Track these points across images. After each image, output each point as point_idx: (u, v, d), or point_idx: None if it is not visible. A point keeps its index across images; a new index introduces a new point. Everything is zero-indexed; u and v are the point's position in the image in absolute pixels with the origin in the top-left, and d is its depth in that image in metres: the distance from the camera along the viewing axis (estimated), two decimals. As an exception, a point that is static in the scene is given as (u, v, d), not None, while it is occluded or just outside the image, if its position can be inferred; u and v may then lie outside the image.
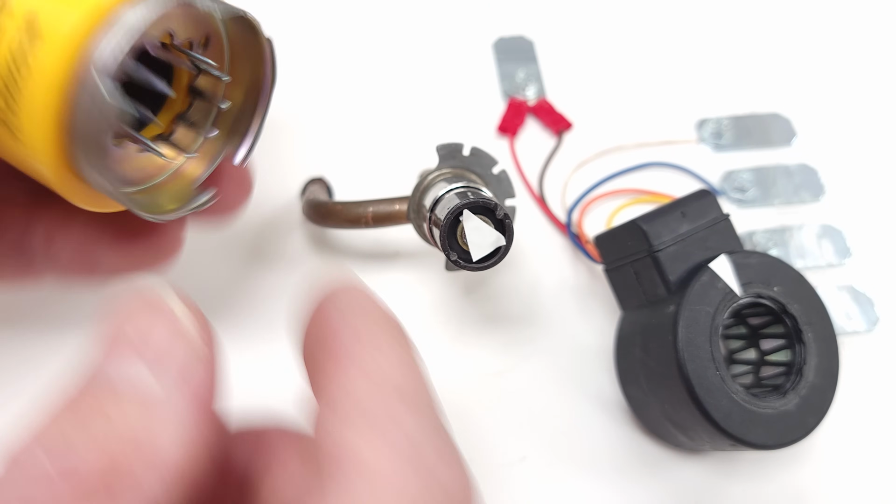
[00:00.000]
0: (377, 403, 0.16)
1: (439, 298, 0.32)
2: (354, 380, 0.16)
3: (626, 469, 0.29)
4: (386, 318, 0.18)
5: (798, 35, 0.40)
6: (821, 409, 0.25)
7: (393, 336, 0.18)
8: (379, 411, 0.16)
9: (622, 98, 0.37)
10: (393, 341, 0.17)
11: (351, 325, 0.17)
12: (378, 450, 0.15)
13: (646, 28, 0.40)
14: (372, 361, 0.17)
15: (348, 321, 0.17)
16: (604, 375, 0.30)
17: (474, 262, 0.23)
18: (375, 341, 0.17)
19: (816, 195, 0.36)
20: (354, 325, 0.17)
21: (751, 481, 0.29)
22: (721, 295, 0.25)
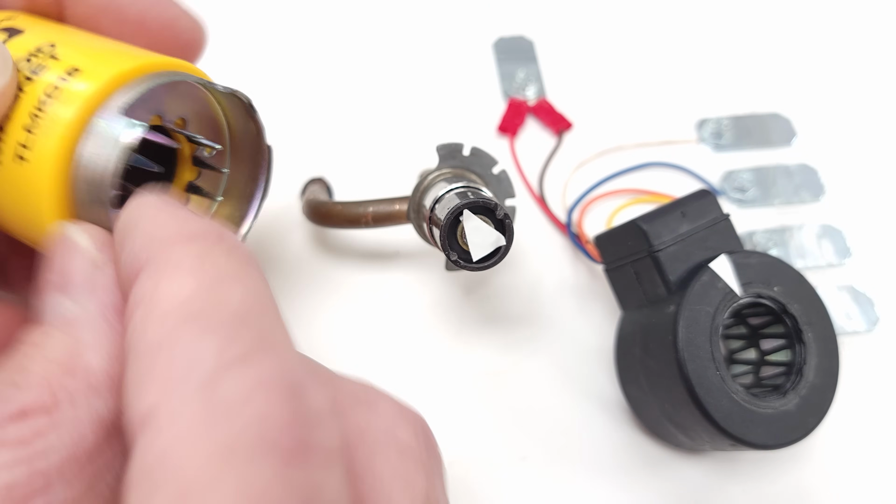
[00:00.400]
0: (160, 337, 0.14)
1: (439, 298, 0.32)
2: (139, 317, 0.14)
3: (627, 469, 0.29)
4: (183, 229, 0.15)
5: (798, 35, 0.40)
6: (821, 409, 0.25)
7: (192, 248, 0.15)
8: (161, 346, 0.14)
9: (622, 98, 0.37)
10: (191, 256, 0.15)
11: (140, 254, 0.15)
12: (159, 390, 0.13)
13: (646, 28, 0.40)
14: (160, 288, 0.14)
15: (139, 252, 0.15)
16: (604, 375, 0.30)
17: (474, 262, 0.23)
18: (168, 263, 0.15)
19: (816, 195, 0.36)
20: (144, 253, 0.15)
21: (751, 481, 0.29)
22: (721, 295, 0.25)
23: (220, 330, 0.13)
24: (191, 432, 0.12)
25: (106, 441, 0.15)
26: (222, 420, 0.12)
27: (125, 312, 0.15)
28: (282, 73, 0.36)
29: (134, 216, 0.16)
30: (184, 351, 0.13)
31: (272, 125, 0.36)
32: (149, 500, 0.12)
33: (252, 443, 0.12)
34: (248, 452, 0.12)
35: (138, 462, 0.13)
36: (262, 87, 0.36)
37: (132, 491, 0.12)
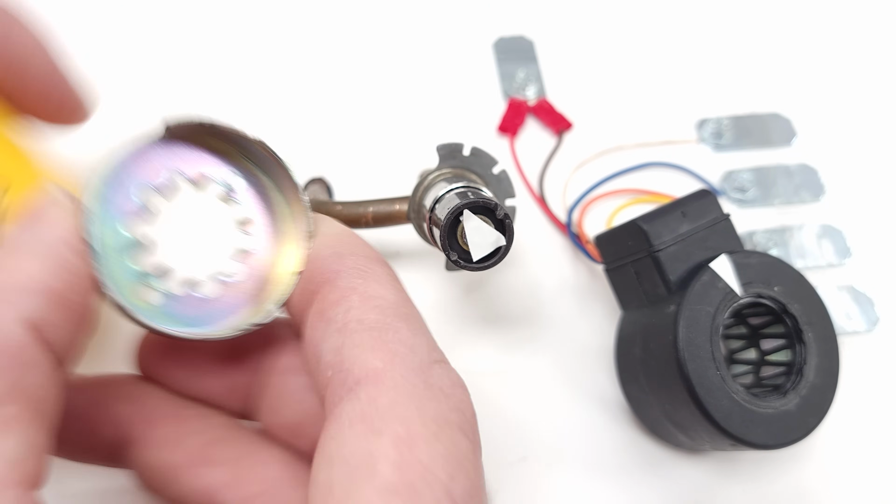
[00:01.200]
0: (380, 321, 0.17)
1: (439, 298, 0.32)
2: (357, 303, 0.18)
3: (627, 469, 0.29)
4: (378, 257, 0.20)
5: (798, 35, 0.40)
6: (821, 409, 0.25)
7: (386, 271, 0.20)
8: (383, 328, 0.17)
9: (622, 98, 0.37)
10: (385, 272, 0.19)
11: (346, 259, 0.19)
12: (385, 359, 0.16)
13: (646, 28, 0.40)
14: (371, 288, 0.18)
15: (344, 257, 0.19)
16: (604, 375, 0.30)
17: (474, 262, 0.23)
18: (374, 274, 0.19)
19: (816, 195, 0.36)
20: (350, 260, 0.19)
21: (751, 481, 0.29)
22: (721, 295, 0.25)
23: (425, 334, 0.18)
24: (414, 396, 0.16)
25: (32, 340, 0.16)
26: (437, 398, 0.16)
27: (315, 285, 0.19)
28: (282, 73, 0.36)
29: (338, 229, 0.21)
30: (404, 338, 0.17)
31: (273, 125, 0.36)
32: (376, 437, 0.15)
33: (458, 423, 0.16)
34: (456, 429, 0.16)
35: (363, 406, 0.16)
36: (262, 88, 0.36)
37: (354, 426, 0.15)
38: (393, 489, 0.14)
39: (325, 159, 0.34)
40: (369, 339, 0.17)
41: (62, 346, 0.17)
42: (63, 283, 0.17)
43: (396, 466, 0.15)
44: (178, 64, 0.36)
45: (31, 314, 0.16)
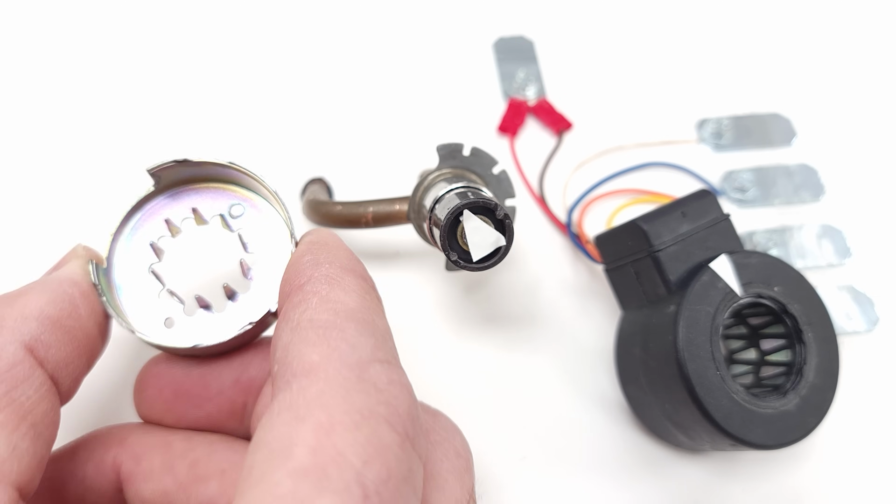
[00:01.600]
0: (329, 321, 0.18)
1: (439, 298, 0.32)
2: (314, 305, 0.19)
3: (627, 469, 0.29)
4: (352, 264, 0.21)
5: (798, 35, 0.40)
6: (821, 409, 0.25)
7: (356, 278, 0.20)
8: (329, 326, 0.18)
9: (622, 98, 0.37)
10: (355, 282, 0.20)
11: (321, 267, 0.20)
12: (323, 354, 0.17)
13: (646, 28, 0.40)
14: (333, 293, 0.19)
15: (319, 265, 0.20)
16: (604, 375, 0.30)
17: (474, 262, 0.23)
18: (341, 281, 0.20)
19: (816, 195, 0.36)
20: (324, 268, 0.20)
21: (751, 481, 0.29)
22: (721, 295, 0.25)
23: (373, 336, 0.18)
24: (343, 388, 0.16)
25: (25, 358, 0.19)
26: (367, 391, 0.17)
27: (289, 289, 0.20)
28: (282, 73, 0.36)
29: (324, 236, 0.22)
30: (348, 336, 0.18)
31: (273, 125, 0.36)
32: (299, 424, 0.16)
33: (384, 415, 0.16)
34: (381, 420, 0.16)
35: (293, 396, 0.16)
36: (262, 88, 0.36)
37: (281, 414, 0.16)
38: (304, 472, 0.15)
39: (325, 159, 0.34)
40: (314, 335, 0.18)
41: (56, 365, 0.19)
42: (60, 310, 0.20)
43: (311, 451, 0.15)
44: (178, 64, 0.36)
45: (26, 336, 0.19)
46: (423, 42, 0.38)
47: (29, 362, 0.19)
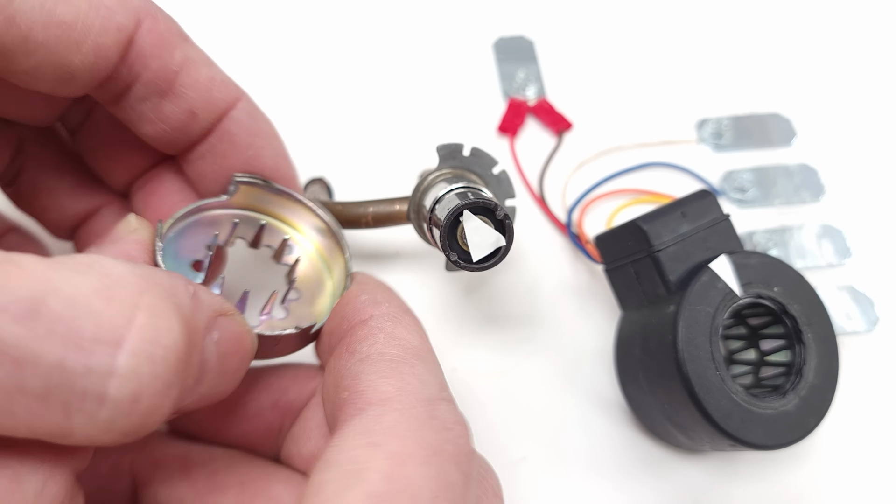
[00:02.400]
0: (399, 356, 0.19)
1: (439, 298, 0.32)
2: (382, 340, 0.20)
3: (626, 469, 0.29)
4: (406, 306, 0.22)
5: (798, 35, 0.40)
6: (820, 409, 0.25)
7: (413, 319, 0.22)
8: (400, 361, 0.19)
9: (622, 98, 0.37)
10: (414, 323, 0.21)
11: (381, 306, 0.21)
12: (397, 386, 0.18)
13: (646, 28, 0.40)
14: (398, 330, 0.20)
15: (379, 304, 0.21)
16: (604, 375, 0.30)
17: (474, 262, 0.23)
18: (402, 320, 0.21)
19: (816, 195, 0.36)
20: (384, 307, 0.21)
21: (750, 481, 0.29)
22: (721, 295, 0.25)
23: (436, 375, 0.19)
24: (417, 421, 0.17)
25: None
26: (437, 428, 0.17)
27: (348, 325, 0.21)
28: (282, 73, 0.36)
29: (375, 281, 0.23)
30: (419, 373, 0.19)
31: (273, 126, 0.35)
32: (373, 449, 0.16)
33: (452, 454, 0.17)
34: (449, 458, 0.17)
35: (368, 422, 0.17)
36: (262, 88, 0.36)
37: (356, 438, 0.17)
38: (377, 496, 0.15)
39: (325, 159, 0.34)
40: (386, 368, 0.19)
41: None
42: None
43: (386, 477, 0.15)
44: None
45: None
46: (423, 42, 0.38)
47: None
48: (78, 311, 0.15)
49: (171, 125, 0.23)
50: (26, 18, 0.19)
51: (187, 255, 0.24)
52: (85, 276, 0.15)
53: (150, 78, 0.22)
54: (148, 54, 0.22)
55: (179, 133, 0.24)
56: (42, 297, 0.14)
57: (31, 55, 0.19)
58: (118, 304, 0.15)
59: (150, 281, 0.16)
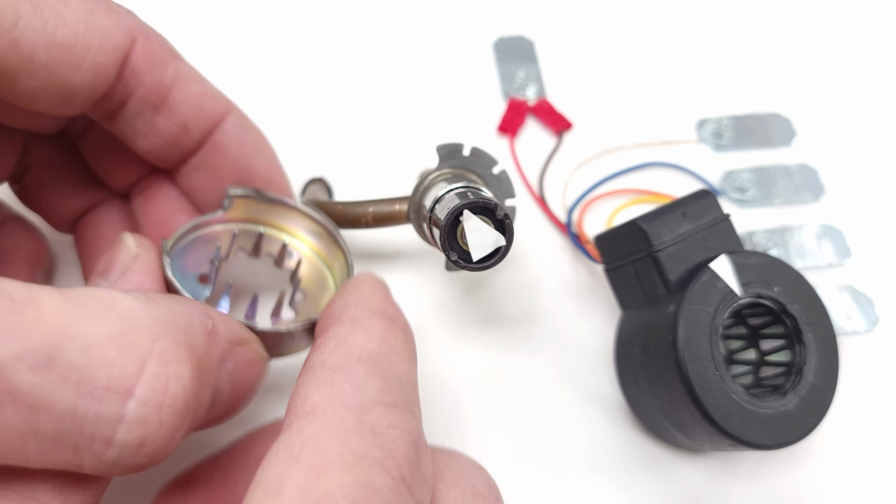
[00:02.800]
0: (339, 362, 0.18)
1: (439, 298, 0.32)
2: (330, 347, 0.19)
3: (626, 469, 0.29)
4: (382, 306, 0.21)
5: (798, 35, 0.40)
6: (820, 409, 0.25)
7: (383, 319, 0.21)
8: (337, 368, 0.18)
9: (622, 98, 0.37)
10: (381, 324, 0.20)
11: (348, 310, 0.21)
12: (325, 395, 0.17)
13: (646, 28, 0.40)
14: (352, 335, 0.20)
15: (347, 308, 0.21)
16: (604, 375, 0.30)
17: (474, 262, 0.23)
18: (364, 322, 0.20)
19: (816, 195, 0.36)
20: (350, 311, 0.21)
21: (750, 481, 0.29)
22: (721, 295, 0.25)
23: (383, 379, 0.18)
24: (340, 429, 0.16)
25: None
26: (364, 433, 0.17)
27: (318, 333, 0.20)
28: (282, 73, 0.36)
29: (360, 280, 0.23)
30: (355, 378, 0.18)
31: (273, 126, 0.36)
32: (292, 464, 0.16)
33: (378, 458, 0.16)
34: (374, 463, 0.16)
35: (291, 436, 0.16)
36: (262, 88, 0.36)
37: (279, 453, 0.16)
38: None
39: (325, 159, 0.34)
40: (321, 376, 0.18)
41: None
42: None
43: (300, 491, 0.15)
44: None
45: None
46: (423, 42, 0.38)
47: None
48: (92, 360, 0.15)
49: (165, 139, 0.24)
50: (29, 41, 0.20)
51: (193, 271, 0.25)
52: (103, 322, 0.16)
53: (144, 94, 0.23)
54: (142, 71, 0.23)
55: (172, 147, 0.25)
56: (59, 346, 0.15)
57: (33, 76, 0.20)
58: (131, 351, 0.16)
59: (166, 323, 0.17)
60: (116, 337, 0.16)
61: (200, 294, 0.25)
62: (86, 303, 0.16)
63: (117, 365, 0.16)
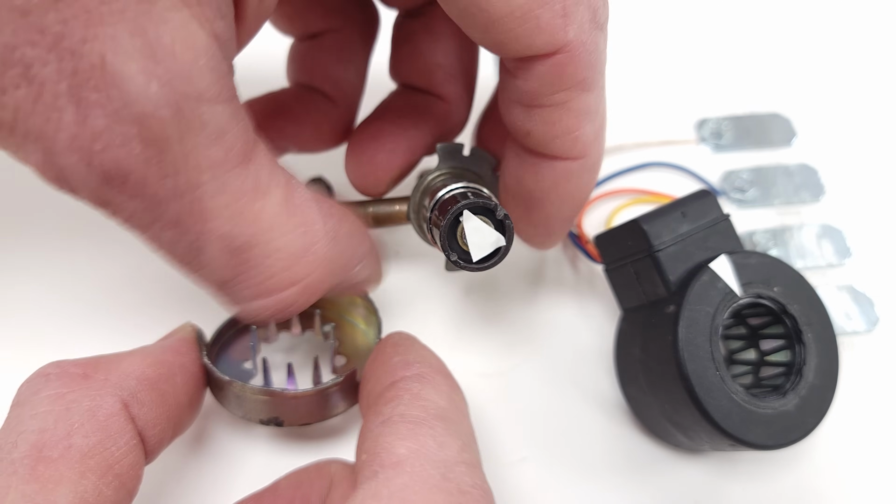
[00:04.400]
0: (419, 417, 0.19)
1: (439, 298, 0.32)
2: (406, 401, 0.20)
3: (626, 469, 0.29)
4: (440, 366, 0.22)
5: (798, 35, 0.40)
6: (820, 409, 0.25)
7: (446, 379, 0.22)
8: (419, 423, 0.19)
9: (622, 98, 0.37)
10: (445, 383, 0.21)
11: (412, 367, 0.21)
12: (411, 449, 0.18)
13: (645, 28, 0.40)
14: (425, 392, 0.20)
15: (410, 365, 0.22)
16: (604, 375, 0.30)
17: (474, 262, 0.23)
18: (432, 380, 0.21)
19: (816, 195, 0.36)
20: (415, 367, 0.21)
21: (750, 482, 0.29)
22: (721, 295, 0.25)
23: (460, 437, 0.19)
24: (427, 484, 0.17)
25: (120, 412, 0.21)
26: (450, 491, 0.17)
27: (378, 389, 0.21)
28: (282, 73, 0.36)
29: (407, 338, 0.24)
30: (437, 435, 0.19)
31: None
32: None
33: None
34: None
35: (378, 486, 0.17)
36: (262, 87, 0.36)
37: (366, 500, 0.17)
38: None
39: (324, 159, 0.34)
40: (404, 430, 0.19)
41: (146, 423, 0.21)
42: (158, 374, 0.22)
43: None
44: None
45: (125, 392, 0.21)
46: (423, 42, 0.38)
47: (123, 416, 0.21)
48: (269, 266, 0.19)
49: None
50: None
51: (238, 359, 0.28)
52: (295, 239, 0.19)
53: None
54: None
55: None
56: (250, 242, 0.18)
57: None
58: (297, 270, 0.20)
59: (331, 263, 0.20)
60: (295, 255, 0.19)
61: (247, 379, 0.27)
62: (295, 227, 0.19)
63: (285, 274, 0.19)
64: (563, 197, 0.25)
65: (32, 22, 0.14)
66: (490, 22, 0.19)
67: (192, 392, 0.24)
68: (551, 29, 0.19)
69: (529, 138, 0.23)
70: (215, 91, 0.16)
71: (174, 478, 0.27)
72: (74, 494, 0.18)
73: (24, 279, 0.32)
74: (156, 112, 0.15)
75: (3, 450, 0.19)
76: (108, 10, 0.14)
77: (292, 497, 0.23)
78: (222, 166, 0.17)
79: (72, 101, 0.14)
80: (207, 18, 0.16)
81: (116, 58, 0.14)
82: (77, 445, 0.19)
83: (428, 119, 0.27)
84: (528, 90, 0.21)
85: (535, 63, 0.20)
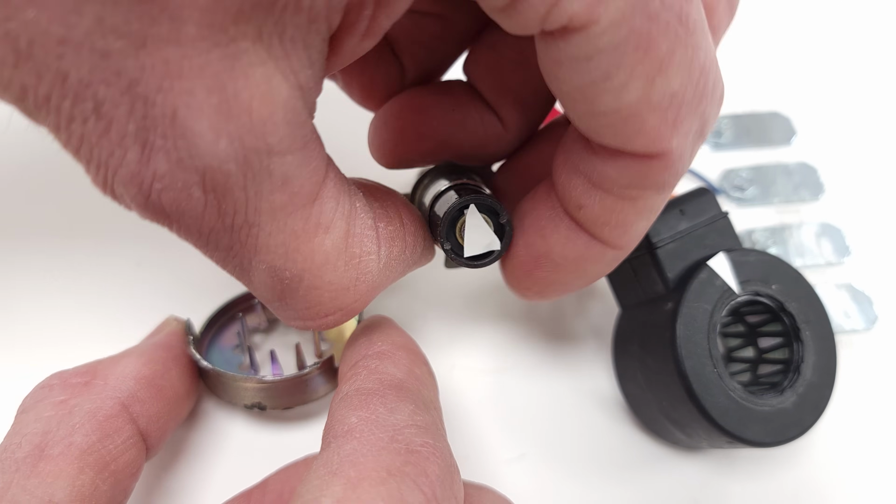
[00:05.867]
0: (373, 388, 0.19)
1: (439, 296, 0.32)
2: (363, 376, 0.20)
3: (624, 466, 0.29)
4: (404, 341, 0.22)
5: (798, 34, 0.41)
6: (818, 407, 0.25)
7: (408, 353, 0.22)
8: (372, 393, 0.19)
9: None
10: (406, 356, 0.22)
11: (374, 345, 0.22)
12: (362, 417, 0.18)
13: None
14: (382, 366, 0.21)
15: (373, 344, 0.22)
16: (602, 373, 0.31)
17: (465, 257, 0.23)
18: (392, 355, 0.21)
19: (816, 194, 0.36)
20: (377, 346, 0.22)
21: (748, 479, 0.29)
22: (719, 293, 0.25)
23: (414, 403, 0.19)
24: (375, 447, 0.17)
25: (120, 413, 0.22)
26: (398, 451, 0.17)
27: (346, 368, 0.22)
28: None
29: (379, 320, 0.24)
30: (388, 402, 0.19)
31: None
32: (331, 476, 0.17)
33: (412, 475, 0.17)
34: (408, 479, 0.17)
35: (330, 454, 0.17)
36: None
37: (318, 469, 0.17)
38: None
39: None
40: (357, 401, 0.19)
41: (148, 419, 0.23)
42: (153, 371, 0.24)
43: (337, 502, 0.16)
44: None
45: (124, 393, 0.23)
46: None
47: (122, 417, 0.22)
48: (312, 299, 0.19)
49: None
50: None
51: (228, 345, 0.29)
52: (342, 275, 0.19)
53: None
54: None
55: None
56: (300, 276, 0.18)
57: None
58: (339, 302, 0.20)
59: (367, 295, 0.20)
60: (344, 288, 0.19)
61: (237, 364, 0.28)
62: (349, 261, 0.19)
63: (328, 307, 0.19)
64: (580, 273, 0.22)
65: (111, 64, 0.14)
66: (591, 114, 0.17)
67: (188, 382, 0.26)
68: (656, 135, 0.17)
69: (579, 213, 0.20)
70: (287, 143, 0.16)
71: (160, 458, 0.27)
72: (72, 488, 0.20)
73: (25, 279, 0.32)
74: (221, 166, 0.15)
75: (9, 450, 0.20)
76: (188, 65, 0.14)
77: (281, 490, 0.23)
78: (284, 209, 0.17)
79: (138, 141, 0.15)
80: (293, 70, 0.16)
81: (189, 112, 0.14)
82: (77, 443, 0.21)
83: (476, 128, 0.25)
84: (602, 173, 0.19)
85: (624, 156, 0.18)
